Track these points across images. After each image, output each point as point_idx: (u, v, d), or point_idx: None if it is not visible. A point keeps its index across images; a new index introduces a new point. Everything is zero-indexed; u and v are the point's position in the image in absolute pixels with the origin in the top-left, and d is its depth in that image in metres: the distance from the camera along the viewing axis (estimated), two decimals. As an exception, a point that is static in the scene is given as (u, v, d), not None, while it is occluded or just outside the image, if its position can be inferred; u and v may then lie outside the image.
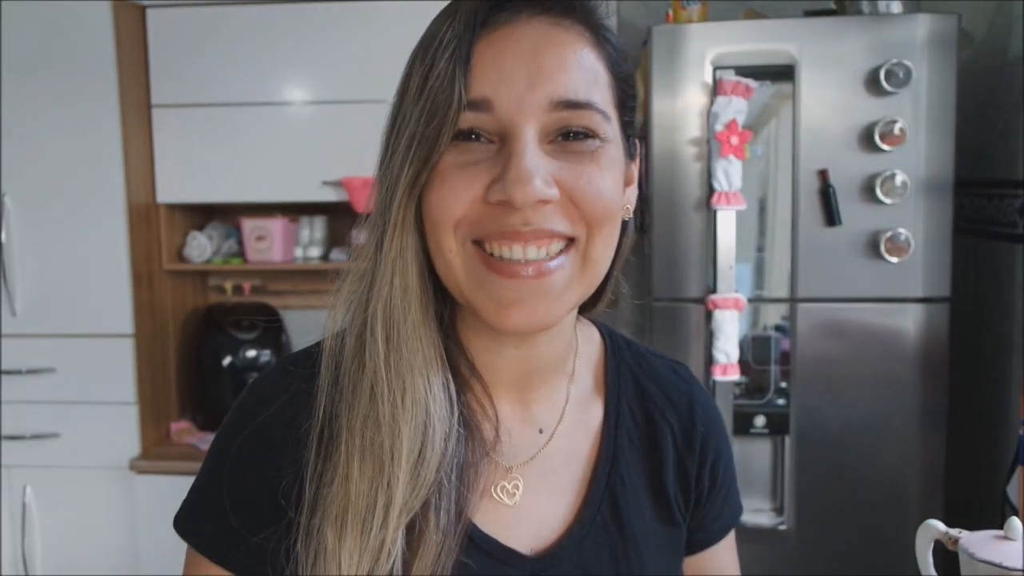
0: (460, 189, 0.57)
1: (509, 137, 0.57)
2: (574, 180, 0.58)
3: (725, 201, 1.92)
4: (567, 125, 0.58)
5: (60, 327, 2.32)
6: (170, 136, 2.38)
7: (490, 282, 0.58)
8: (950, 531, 0.67)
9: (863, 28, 1.92)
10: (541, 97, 0.57)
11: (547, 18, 0.59)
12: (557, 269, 0.59)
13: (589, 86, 0.59)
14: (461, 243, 0.59)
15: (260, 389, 0.67)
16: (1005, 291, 2.08)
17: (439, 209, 0.58)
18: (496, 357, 0.66)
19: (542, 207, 0.57)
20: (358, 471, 0.59)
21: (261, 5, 2.32)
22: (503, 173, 0.56)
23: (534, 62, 0.57)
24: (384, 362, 0.60)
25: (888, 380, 1.97)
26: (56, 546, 2.37)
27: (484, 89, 0.57)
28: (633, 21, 2.49)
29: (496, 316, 0.59)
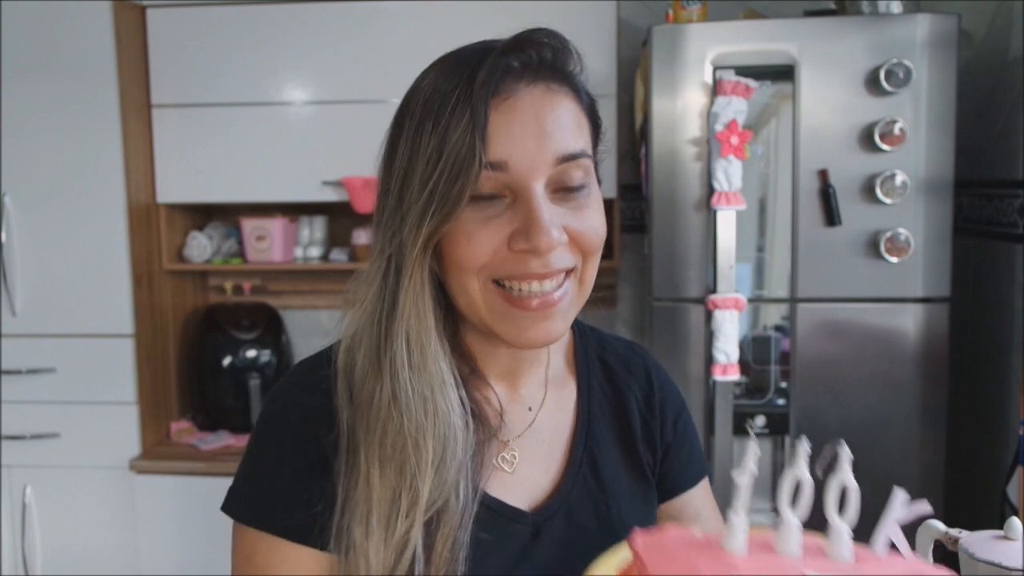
0: (485, 242, 0.68)
1: (523, 193, 0.68)
2: (576, 224, 0.70)
3: (725, 201, 1.92)
4: (565, 177, 0.69)
5: (60, 327, 2.32)
6: (170, 136, 2.38)
7: (511, 314, 0.70)
8: (950, 531, 0.67)
9: (863, 28, 1.92)
10: (548, 155, 0.68)
11: (542, 84, 0.70)
12: (563, 296, 0.71)
13: (578, 137, 0.71)
14: (482, 283, 0.70)
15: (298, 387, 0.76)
16: (1005, 291, 2.08)
17: (468, 259, 0.69)
18: (492, 356, 0.79)
19: (555, 249, 0.68)
20: (379, 479, 0.68)
21: (261, 5, 2.32)
22: (525, 227, 0.67)
23: (538, 126, 0.68)
24: (408, 383, 0.69)
25: (888, 380, 1.97)
26: (56, 546, 2.37)
27: (499, 152, 0.67)
28: (633, 21, 2.49)
29: (518, 338, 0.71)
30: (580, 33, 0.68)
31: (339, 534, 0.68)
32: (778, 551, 0.57)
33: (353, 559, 0.67)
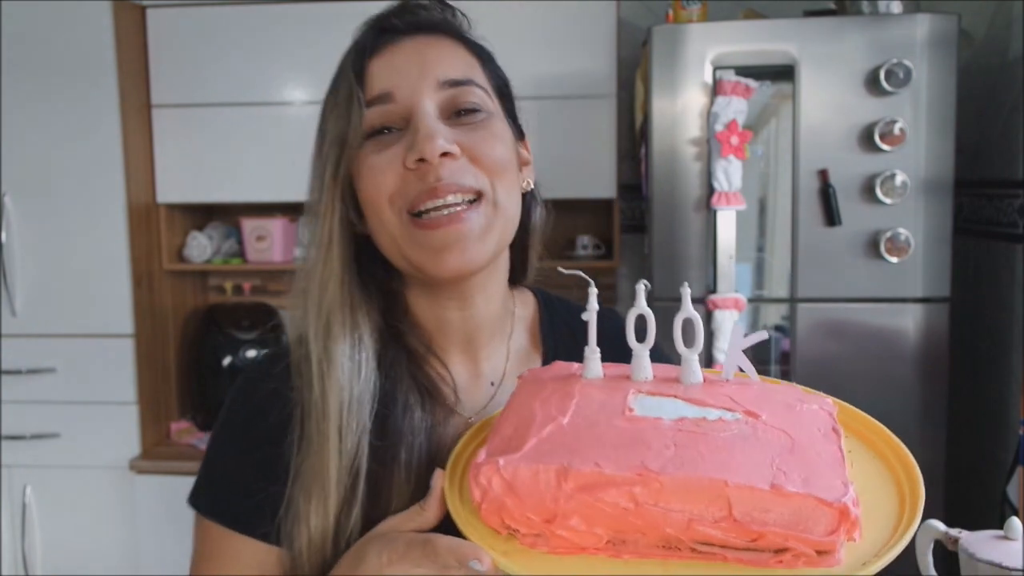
0: (384, 166, 0.70)
1: (412, 116, 0.71)
2: (470, 141, 0.71)
3: (725, 201, 1.92)
4: (456, 101, 0.72)
5: (60, 327, 2.32)
6: (170, 136, 2.38)
7: (422, 236, 0.70)
8: (950, 531, 0.67)
9: (863, 28, 1.92)
10: (431, 80, 0.71)
11: (423, 34, 0.74)
12: (473, 215, 0.70)
13: (467, 71, 0.74)
14: (397, 214, 0.71)
15: (250, 380, 0.78)
16: (1005, 291, 2.08)
17: (372, 187, 0.71)
18: (443, 321, 0.78)
19: (450, 162, 0.69)
20: (317, 442, 0.68)
21: (261, 5, 2.32)
22: (413, 139, 0.69)
23: (420, 57, 0.72)
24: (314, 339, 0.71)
25: (888, 380, 1.97)
26: (56, 546, 2.37)
27: (384, 85, 0.71)
28: (633, 21, 2.49)
29: (434, 263, 0.70)
30: (580, 33, 0.68)
31: (288, 503, 0.69)
32: (632, 378, 0.64)
33: (297, 530, 0.68)
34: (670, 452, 0.53)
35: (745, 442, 0.54)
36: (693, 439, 0.54)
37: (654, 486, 0.50)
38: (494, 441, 0.57)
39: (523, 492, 0.52)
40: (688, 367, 0.64)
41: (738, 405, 0.59)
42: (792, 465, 0.52)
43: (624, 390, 0.62)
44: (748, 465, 0.52)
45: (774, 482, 0.50)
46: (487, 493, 0.53)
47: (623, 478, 0.51)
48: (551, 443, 0.55)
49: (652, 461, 0.52)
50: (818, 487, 0.50)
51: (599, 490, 0.51)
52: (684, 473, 0.51)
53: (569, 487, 0.51)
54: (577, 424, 0.57)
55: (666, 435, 0.55)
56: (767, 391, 0.63)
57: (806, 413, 0.60)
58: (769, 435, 0.56)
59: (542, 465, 0.52)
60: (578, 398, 0.61)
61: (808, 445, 0.55)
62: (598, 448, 0.54)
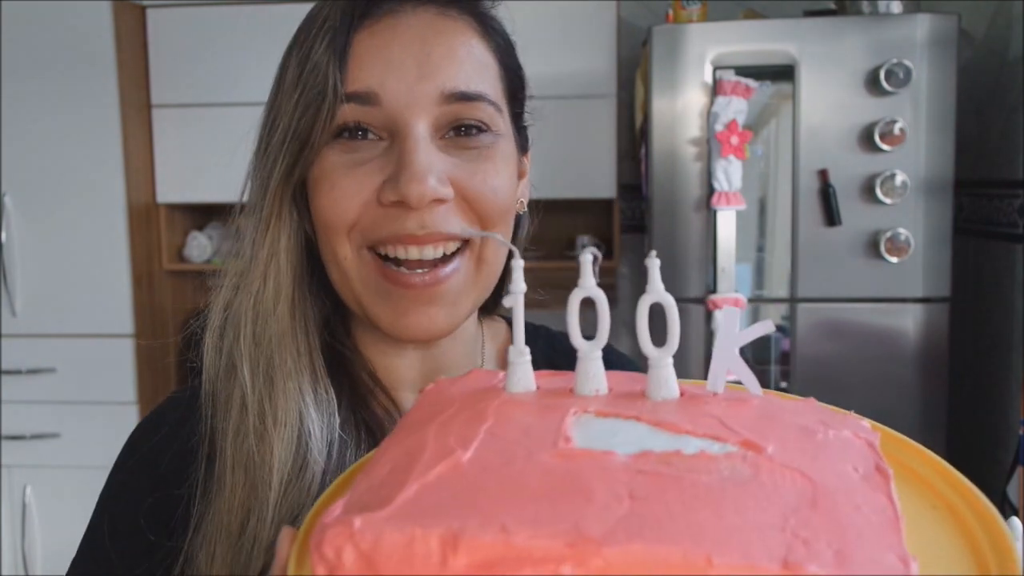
0: (351, 192, 0.55)
1: (399, 133, 0.55)
2: (468, 179, 0.56)
3: (725, 201, 1.92)
4: (459, 118, 0.56)
5: (60, 327, 2.31)
6: (170, 136, 2.38)
7: (387, 292, 0.57)
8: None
9: (863, 28, 1.92)
10: (432, 89, 0.55)
11: (433, 7, 0.57)
12: (452, 274, 0.57)
13: (480, 77, 0.57)
14: (356, 250, 0.57)
15: (146, 420, 0.65)
16: (1005, 291, 2.08)
17: (331, 213, 0.56)
18: (396, 360, 0.64)
19: (437, 207, 0.55)
20: (230, 484, 0.55)
21: (261, 5, 2.32)
22: (396, 172, 0.54)
23: (423, 52, 0.55)
24: (251, 369, 0.56)
25: (888, 380, 1.97)
26: (56, 546, 2.36)
27: (369, 81, 0.54)
28: (633, 21, 2.49)
29: (394, 326, 0.57)
30: (580, 33, 0.67)
31: (185, 559, 0.56)
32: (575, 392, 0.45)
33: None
34: (622, 508, 0.34)
35: (742, 490, 0.36)
36: (660, 486, 0.35)
37: (594, 564, 0.31)
38: (360, 487, 0.38)
39: (389, 570, 0.33)
40: (657, 376, 0.44)
41: (731, 432, 0.40)
42: (816, 527, 0.34)
43: (562, 410, 0.43)
44: (747, 529, 0.33)
45: (788, 558, 0.31)
46: (335, 571, 0.33)
47: (544, 551, 0.32)
48: (440, 492, 0.36)
49: (593, 523, 0.33)
50: (858, 564, 0.32)
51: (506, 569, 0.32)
52: (642, 543, 0.31)
53: (460, 564, 0.32)
54: (484, 462, 0.38)
55: (618, 480, 0.36)
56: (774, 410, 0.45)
57: (833, 443, 0.42)
58: (779, 479, 0.37)
59: (420, 529, 0.33)
60: (492, 421, 0.41)
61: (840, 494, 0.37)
62: (511, 501, 0.35)
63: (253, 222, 0.59)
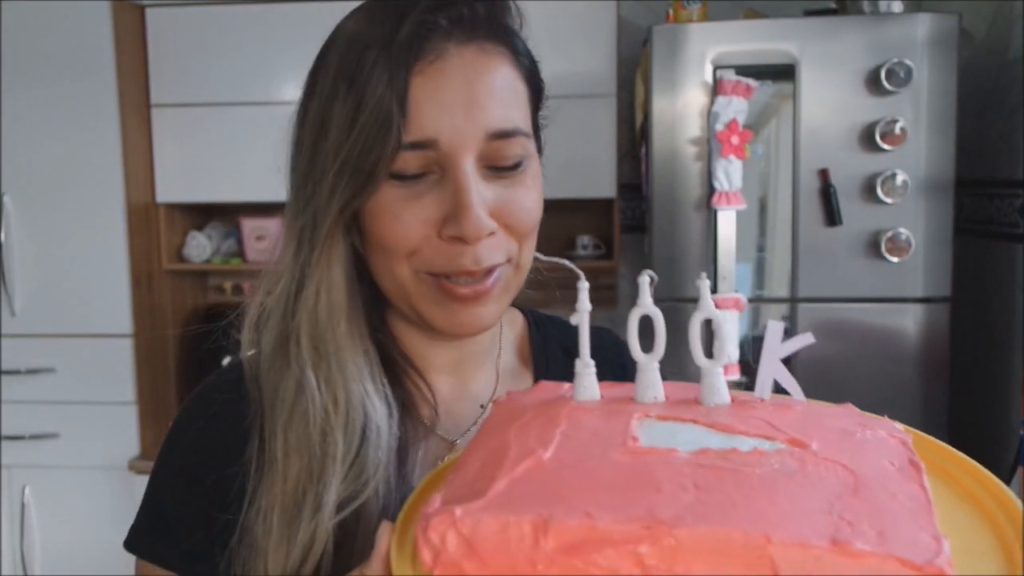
0: (413, 224, 0.61)
1: (451, 169, 0.61)
2: (507, 207, 0.63)
3: (725, 201, 1.91)
4: (500, 153, 0.62)
5: (60, 327, 2.31)
6: (170, 136, 2.38)
7: (442, 300, 0.64)
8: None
9: (863, 28, 1.92)
10: (479, 129, 0.60)
11: (474, 45, 0.62)
12: (495, 283, 0.65)
13: (515, 110, 0.63)
14: (414, 272, 0.63)
15: (197, 399, 0.72)
16: (1005, 291, 2.08)
17: (393, 241, 0.62)
18: (430, 349, 0.72)
19: (487, 239, 0.62)
20: (283, 468, 0.61)
21: (261, 5, 2.32)
22: (454, 210, 0.60)
23: (469, 94, 0.60)
24: (312, 368, 0.63)
25: (888, 380, 1.97)
26: (55, 546, 2.36)
27: (427, 128, 0.60)
28: (633, 21, 2.49)
29: (448, 326, 0.65)
30: (580, 33, 0.68)
31: (241, 532, 0.62)
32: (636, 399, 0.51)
33: (252, 561, 0.61)
34: (688, 496, 0.39)
35: (791, 481, 0.41)
36: (720, 478, 0.41)
37: (667, 544, 0.37)
38: (455, 482, 0.44)
39: (488, 553, 0.39)
40: (710, 384, 0.50)
41: (779, 432, 0.46)
42: (859, 512, 0.38)
43: (626, 415, 0.48)
44: (798, 513, 0.38)
45: (836, 536, 0.36)
46: (440, 555, 0.39)
47: (624, 533, 0.37)
48: (527, 485, 0.42)
49: (664, 509, 0.38)
50: (899, 543, 0.36)
51: (591, 550, 0.37)
52: (708, 526, 0.37)
53: (550, 546, 0.38)
54: (563, 459, 0.44)
55: (683, 473, 0.41)
56: (815, 414, 0.50)
57: (871, 442, 0.47)
58: (824, 471, 0.42)
59: (513, 516, 0.39)
60: (565, 425, 0.47)
61: (878, 484, 0.41)
62: (590, 492, 0.40)
63: (305, 241, 0.65)
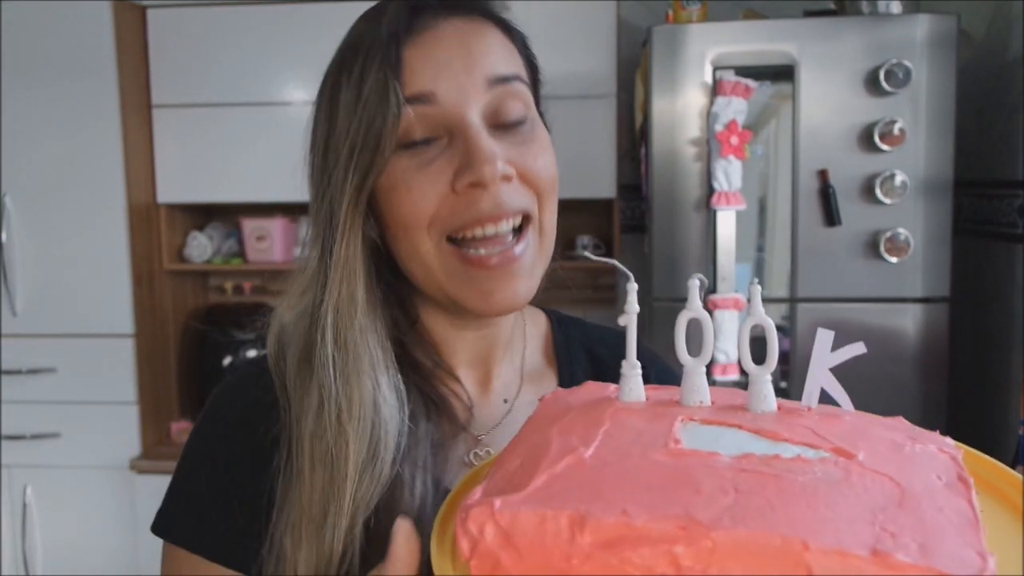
0: (427, 187, 0.61)
1: (458, 127, 0.62)
2: (522, 159, 0.63)
3: (725, 201, 1.92)
4: (503, 108, 0.63)
5: (60, 327, 2.32)
6: (170, 136, 2.38)
7: (472, 276, 0.63)
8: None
9: (863, 28, 1.92)
10: (478, 78, 0.62)
11: (461, 17, 0.64)
12: (523, 249, 0.64)
13: (510, 63, 0.65)
14: (436, 243, 0.63)
15: (235, 387, 0.70)
16: (1005, 291, 2.08)
17: (411, 212, 0.62)
18: (457, 340, 0.72)
19: (505, 185, 0.62)
20: (309, 479, 0.61)
21: (261, 5, 2.32)
22: (466, 159, 0.61)
23: (464, 50, 0.62)
24: (332, 365, 0.62)
25: (888, 380, 1.97)
26: (56, 546, 2.37)
27: (424, 83, 0.61)
28: (633, 21, 2.49)
29: (482, 303, 0.64)
30: (580, 33, 0.68)
31: (271, 542, 0.61)
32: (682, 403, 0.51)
33: (282, 567, 0.61)
34: (728, 499, 0.39)
35: (834, 489, 0.40)
36: (761, 483, 0.40)
37: (703, 545, 0.37)
38: (495, 476, 0.45)
39: (524, 546, 0.39)
40: (759, 390, 0.49)
41: (824, 440, 0.45)
42: (903, 524, 0.38)
43: (671, 417, 0.48)
44: (838, 521, 0.37)
45: (876, 547, 0.35)
46: (478, 545, 0.40)
47: (660, 532, 0.37)
48: (567, 481, 0.42)
49: (702, 510, 0.38)
50: (941, 557, 0.35)
51: (627, 547, 0.37)
52: (746, 529, 0.37)
53: (586, 541, 0.38)
54: (604, 458, 0.44)
55: (723, 476, 0.41)
56: (864, 424, 0.50)
57: (920, 455, 0.46)
58: (868, 481, 0.41)
59: (551, 510, 0.39)
60: (609, 425, 0.47)
61: (924, 498, 0.40)
62: (628, 490, 0.40)
63: (326, 233, 0.64)
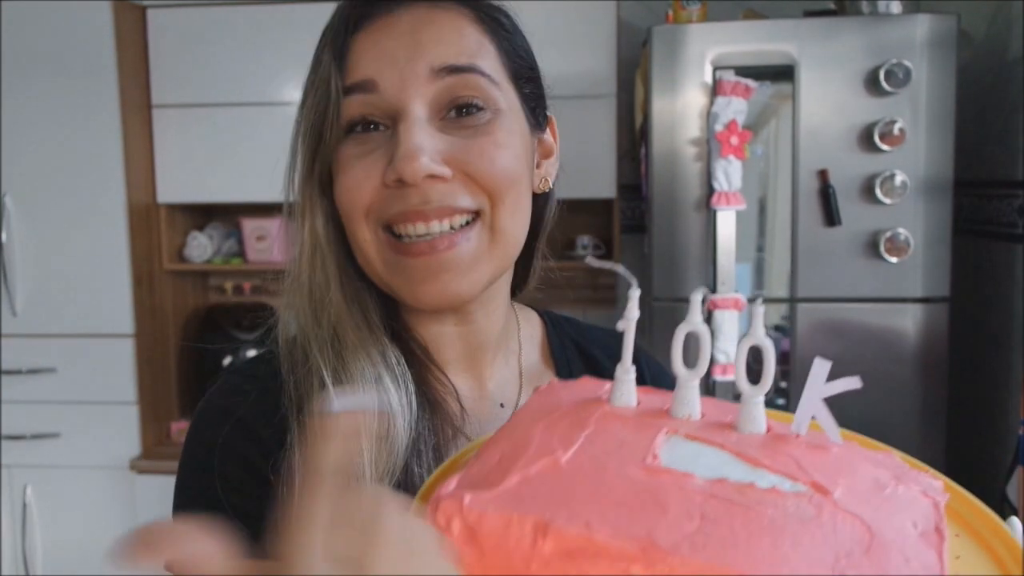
0: (361, 177, 0.60)
1: (398, 117, 0.60)
2: (465, 155, 0.60)
3: (725, 201, 1.92)
4: (454, 93, 0.60)
5: (60, 327, 2.32)
6: (170, 136, 2.38)
7: (402, 264, 0.61)
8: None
9: (863, 28, 1.92)
10: (422, 67, 0.59)
11: (423, 4, 0.62)
12: (463, 242, 0.61)
13: (472, 53, 0.61)
14: (373, 231, 0.62)
15: (226, 391, 0.68)
16: (1004, 291, 2.08)
17: (347, 198, 0.61)
18: (439, 336, 0.69)
19: (437, 183, 0.59)
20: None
21: (261, 5, 2.32)
22: (394, 154, 0.59)
23: (412, 39, 0.60)
24: (320, 350, 0.62)
25: (888, 380, 1.97)
26: (56, 546, 2.37)
27: (367, 70, 0.60)
28: (633, 21, 2.49)
29: (412, 294, 0.62)
30: (580, 33, 0.67)
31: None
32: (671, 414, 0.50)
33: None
34: (692, 525, 0.39)
35: (802, 528, 0.39)
36: (729, 512, 0.40)
37: (658, 568, 0.36)
38: (472, 468, 0.44)
39: (488, 546, 0.39)
40: (749, 411, 0.49)
41: (804, 473, 0.44)
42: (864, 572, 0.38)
43: (656, 428, 0.47)
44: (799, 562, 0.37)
45: None
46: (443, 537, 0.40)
47: (619, 550, 0.37)
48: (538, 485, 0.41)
49: (664, 534, 0.38)
50: None
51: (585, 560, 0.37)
52: (703, 560, 0.36)
53: (547, 549, 0.38)
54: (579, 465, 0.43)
55: (692, 500, 0.41)
56: (850, 459, 0.49)
57: (900, 498, 0.45)
58: (840, 522, 0.41)
59: (517, 514, 0.39)
60: (592, 430, 0.46)
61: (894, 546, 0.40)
62: (596, 503, 0.40)
63: (295, 221, 0.66)
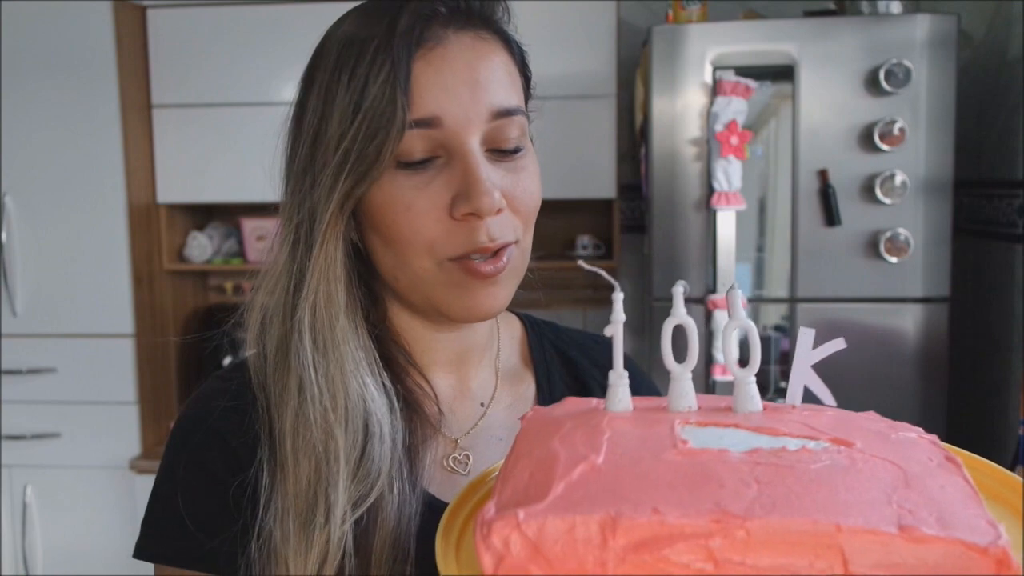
0: (426, 210, 0.62)
1: (458, 151, 0.62)
2: (512, 189, 0.64)
3: (725, 201, 1.92)
4: (504, 134, 0.64)
5: (60, 327, 2.32)
6: (170, 136, 2.38)
7: (466, 284, 0.64)
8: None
9: (863, 28, 1.92)
10: (483, 108, 0.62)
11: (472, 32, 0.64)
12: (509, 259, 0.65)
13: (514, 91, 0.66)
14: (437, 263, 0.63)
15: (202, 399, 0.70)
16: (1004, 291, 2.08)
17: (410, 231, 0.62)
18: (432, 342, 0.72)
19: (498, 216, 0.63)
20: (293, 472, 0.62)
21: (261, 5, 2.32)
22: (465, 187, 0.61)
23: (471, 76, 0.62)
24: (312, 366, 0.63)
25: (887, 380, 1.97)
26: (56, 546, 2.37)
27: (430, 107, 0.61)
28: (633, 21, 2.49)
29: (466, 310, 0.65)
30: (580, 33, 0.68)
31: (260, 538, 0.62)
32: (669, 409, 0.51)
33: (272, 565, 0.61)
34: (752, 491, 0.39)
35: (846, 474, 0.41)
36: (778, 473, 0.41)
37: (738, 536, 0.37)
38: (505, 491, 0.43)
39: (555, 555, 0.38)
40: (743, 392, 0.51)
41: (820, 432, 0.47)
42: (916, 502, 0.39)
43: (666, 422, 0.48)
44: (860, 503, 0.39)
45: (902, 523, 0.37)
46: (504, 559, 0.38)
47: (694, 527, 0.37)
48: (586, 488, 0.41)
49: (732, 503, 0.38)
50: (960, 528, 0.38)
51: (662, 546, 0.37)
52: (778, 516, 0.37)
53: (619, 544, 0.37)
54: (617, 463, 0.43)
55: (741, 470, 0.41)
56: (847, 418, 0.52)
57: (905, 442, 0.48)
58: (873, 466, 0.43)
59: (579, 516, 0.38)
60: (609, 433, 0.47)
61: (926, 477, 0.42)
62: (652, 490, 0.40)
63: (304, 233, 0.64)
